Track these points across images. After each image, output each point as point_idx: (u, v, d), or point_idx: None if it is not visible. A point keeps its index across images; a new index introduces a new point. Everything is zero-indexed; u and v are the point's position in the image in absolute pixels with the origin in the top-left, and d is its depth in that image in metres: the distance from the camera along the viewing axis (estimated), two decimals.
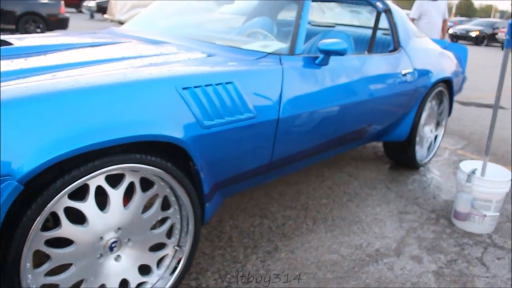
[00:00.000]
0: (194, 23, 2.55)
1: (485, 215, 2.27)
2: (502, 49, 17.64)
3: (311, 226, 2.24)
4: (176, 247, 1.62)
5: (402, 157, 3.06)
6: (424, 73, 2.76)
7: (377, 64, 2.37)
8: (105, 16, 13.12)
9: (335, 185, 2.78)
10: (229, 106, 1.56)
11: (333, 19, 3.81)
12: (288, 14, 4.02)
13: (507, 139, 4.20)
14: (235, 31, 2.54)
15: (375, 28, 2.77)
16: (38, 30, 9.24)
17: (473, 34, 19.15)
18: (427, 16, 5.11)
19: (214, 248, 2.01)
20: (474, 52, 14.71)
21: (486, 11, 68.76)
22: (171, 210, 1.56)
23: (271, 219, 2.29)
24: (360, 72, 2.21)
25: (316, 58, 1.96)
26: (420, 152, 3.19)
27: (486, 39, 19.35)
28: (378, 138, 2.82)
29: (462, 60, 3.68)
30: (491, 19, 22.57)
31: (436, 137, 3.37)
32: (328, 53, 1.91)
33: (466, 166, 2.36)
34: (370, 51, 2.76)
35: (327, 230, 2.22)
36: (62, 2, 9.88)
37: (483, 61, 12.30)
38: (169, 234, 1.60)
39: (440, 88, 3.03)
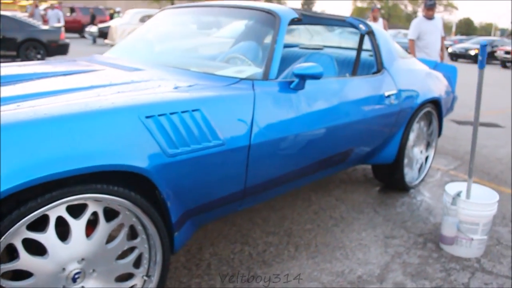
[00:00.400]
0: (176, 49, 2.56)
1: (472, 239, 2.21)
2: (502, 67, 17.70)
3: (293, 253, 2.19)
4: (145, 277, 1.58)
5: (390, 179, 3.01)
6: (409, 94, 2.75)
7: (358, 86, 2.36)
8: (106, 41, 13.35)
9: (321, 209, 2.73)
10: (195, 134, 1.54)
11: (323, 42, 3.83)
12: None
13: (502, 158, 4.14)
14: (220, 57, 2.54)
15: (359, 50, 2.78)
16: (39, 56, 9.40)
17: (472, 53, 19.20)
18: (426, 35, 5.10)
19: (191, 277, 1.96)
20: (473, 70, 14.73)
21: (487, 29, 69.31)
22: (138, 240, 1.53)
23: (252, 246, 2.24)
24: (340, 95, 2.20)
25: (292, 82, 1.95)
26: (410, 174, 3.15)
27: None
28: (365, 161, 2.78)
29: (451, 79, 3.67)
30: (490, 38, 22.62)
31: (427, 158, 3.33)
32: (303, 77, 1.90)
33: (452, 188, 2.31)
34: (354, 73, 2.76)
35: (309, 256, 2.16)
36: (63, 29, 10.08)
37: None
38: (137, 263, 1.57)
39: (428, 108, 3.00)
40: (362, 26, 2.70)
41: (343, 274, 2.02)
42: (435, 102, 3.12)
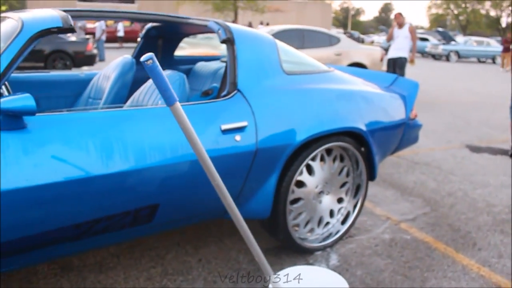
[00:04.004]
0: None
1: None
2: None
3: None
4: None
5: (276, 239, 2.23)
6: (283, 125, 1.97)
7: (154, 119, 1.66)
8: None
9: (163, 274, 2.04)
10: None
11: None
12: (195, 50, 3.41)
13: (496, 205, 3.06)
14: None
15: (228, 64, 2.08)
16: (65, 66, 9.69)
17: None
18: None
19: None
20: None
21: None
22: None
23: None
24: (104, 134, 1.53)
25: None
26: (318, 230, 2.34)
27: None
28: (222, 216, 2.05)
29: (408, 99, 2.75)
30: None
31: (355, 206, 2.49)
32: (8, 112, 1.30)
33: (291, 273, 1.53)
34: (219, 94, 2.06)
35: None
36: (91, 39, 10.28)
37: None
38: None
39: (336, 143, 2.18)
40: (220, 32, 2.01)
41: None
42: (355, 135, 2.29)
